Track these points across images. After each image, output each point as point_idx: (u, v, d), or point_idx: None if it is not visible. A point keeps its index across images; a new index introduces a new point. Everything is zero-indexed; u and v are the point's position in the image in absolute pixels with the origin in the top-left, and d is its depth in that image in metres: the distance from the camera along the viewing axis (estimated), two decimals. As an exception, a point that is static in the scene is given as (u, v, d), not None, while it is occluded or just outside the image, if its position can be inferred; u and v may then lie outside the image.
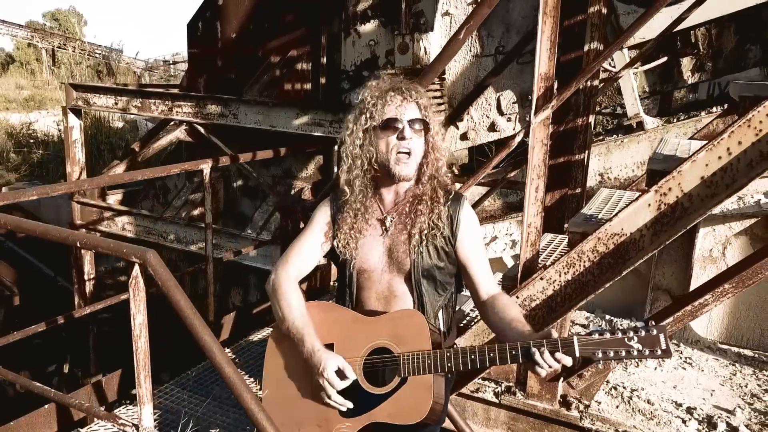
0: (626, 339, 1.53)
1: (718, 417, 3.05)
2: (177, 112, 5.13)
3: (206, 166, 3.39)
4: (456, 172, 4.37)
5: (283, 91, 5.04)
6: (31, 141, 14.36)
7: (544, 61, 1.99)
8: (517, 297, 2.25)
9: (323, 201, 2.00)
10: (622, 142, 3.81)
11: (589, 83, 2.65)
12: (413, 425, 1.73)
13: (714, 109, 3.87)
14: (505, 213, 4.23)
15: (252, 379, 3.34)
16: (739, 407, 3.16)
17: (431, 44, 4.30)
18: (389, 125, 1.82)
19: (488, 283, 1.91)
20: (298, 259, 1.98)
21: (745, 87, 1.94)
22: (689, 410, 3.12)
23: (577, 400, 3.06)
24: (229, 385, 1.85)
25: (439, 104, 4.34)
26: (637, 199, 1.99)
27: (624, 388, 3.29)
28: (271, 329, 4.00)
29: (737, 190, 1.86)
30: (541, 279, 2.18)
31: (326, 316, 1.90)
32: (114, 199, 6.58)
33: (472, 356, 1.65)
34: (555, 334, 1.58)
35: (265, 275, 5.40)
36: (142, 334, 1.89)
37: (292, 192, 5.36)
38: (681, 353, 3.75)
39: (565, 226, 2.74)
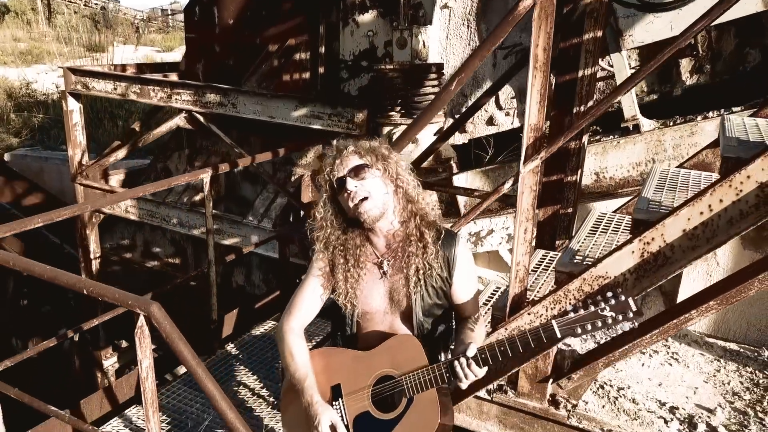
0: (599, 310, 1.69)
1: (699, 417, 3.21)
2: (176, 99, 5.15)
3: (206, 176, 3.45)
4: (454, 168, 4.41)
5: (282, 81, 5.03)
6: (31, 102, 14.30)
7: (533, 113, 2.03)
8: (506, 328, 2.36)
9: (317, 252, 2.09)
10: (618, 143, 3.84)
11: (582, 108, 2.68)
12: None
13: (710, 114, 3.88)
14: (502, 207, 4.30)
15: (255, 377, 3.50)
16: (720, 406, 3.32)
17: (430, 38, 4.27)
18: (336, 186, 1.95)
19: (472, 310, 2.07)
20: (300, 312, 2.09)
21: (728, 148, 1.99)
22: (672, 410, 3.27)
23: (566, 399, 3.21)
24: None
25: (437, 99, 4.35)
26: (621, 246, 2.07)
27: (611, 386, 3.44)
28: (273, 323, 4.17)
29: (717, 246, 1.94)
30: (529, 314, 2.28)
31: (329, 361, 2.03)
32: (116, 179, 6.66)
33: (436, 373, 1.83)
34: (472, 348, 1.75)
35: (266, 259, 5.48)
36: (149, 375, 2.01)
37: (292, 179, 5.42)
38: (669, 348, 3.89)
39: (557, 243, 2.82)
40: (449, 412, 1.96)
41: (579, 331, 1.67)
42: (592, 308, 1.67)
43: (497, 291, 3.31)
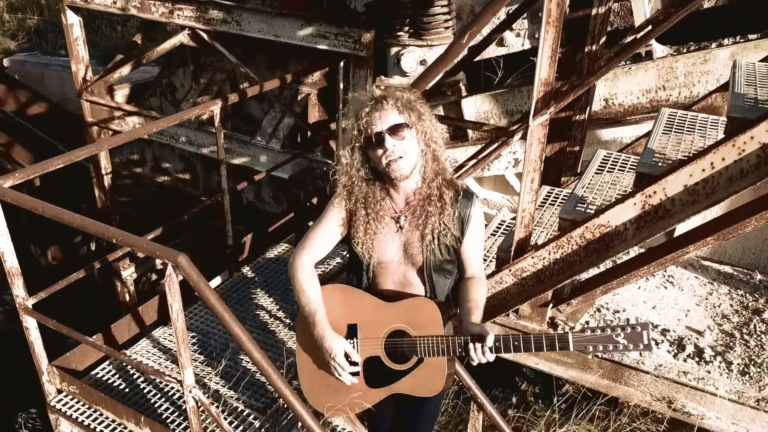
0: (614, 335, 1.79)
1: (688, 339, 3.43)
2: (178, 15, 5.02)
3: (216, 108, 3.47)
4: (463, 90, 4.38)
5: (287, -1, 4.88)
6: (23, 2, 13.81)
7: (545, 68, 2.03)
8: (510, 269, 2.49)
9: (338, 196, 2.15)
10: (629, 69, 3.78)
11: (594, 47, 2.64)
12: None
13: (725, 41, 3.76)
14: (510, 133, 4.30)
15: (271, 299, 3.69)
16: (709, 328, 3.53)
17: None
18: (372, 141, 1.95)
19: (475, 268, 2.16)
20: (313, 249, 2.20)
21: (735, 108, 2.00)
22: (663, 332, 3.49)
23: (564, 322, 3.42)
24: (261, 370, 2.16)
25: (447, 20, 4.25)
26: (624, 199, 2.15)
27: (607, 309, 3.64)
28: (286, 245, 4.33)
29: (716, 203, 2.02)
30: (532, 257, 2.41)
31: (348, 299, 2.14)
32: (122, 94, 6.61)
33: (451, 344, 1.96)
34: (491, 339, 1.85)
35: (275, 178, 5.55)
36: (179, 317, 2.17)
37: (299, 98, 5.39)
38: (665, 271, 4.06)
39: (562, 180, 2.88)
40: (452, 377, 2.12)
41: (590, 348, 1.76)
42: (609, 332, 1.74)
43: (503, 224, 3.42)
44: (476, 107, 4.46)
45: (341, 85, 4.49)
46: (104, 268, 7.35)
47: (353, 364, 2.07)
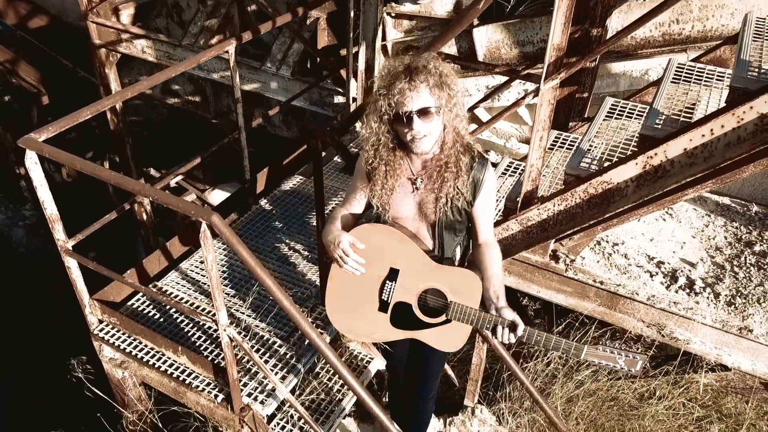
0: (617, 357, 2.03)
1: (681, 271, 3.65)
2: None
3: (231, 48, 3.52)
4: (475, 19, 4.33)
5: None
6: None
7: (557, 34, 2.10)
8: (517, 218, 2.67)
9: (363, 157, 2.28)
10: (644, 1, 3.73)
11: (607, -3, 2.64)
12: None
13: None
14: (520, 62, 4.32)
15: (288, 231, 3.90)
16: (702, 260, 3.74)
17: None
18: (399, 117, 2.04)
19: (487, 233, 2.31)
20: (347, 204, 2.38)
21: (737, 79, 2.07)
22: (658, 264, 3.70)
23: (565, 255, 3.63)
24: (299, 325, 2.39)
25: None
26: (626, 160, 2.28)
27: (607, 242, 3.84)
28: (300, 177, 4.49)
29: (713, 166, 2.15)
30: (538, 209, 2.57)
31: (401, 242, 2.23)
32: (127, 14, 6.50)
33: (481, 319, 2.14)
34: (520, 329, 2.05)
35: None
36: (213, 267, 2.38)
37: (307, 22, 5.34)
38: (665, 202, 4.21)
39: (570, 124, 2.97)
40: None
41: (595, 362, 2.02)
42: (615, 354, 1.99)
43: (511, 165, 3.55)
44: (487, 37, 4.45)
45: (351, 11, 4.45)
46: (121, 192, 7.57)
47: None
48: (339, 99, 5.20)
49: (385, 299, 2.26)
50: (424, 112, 2.01)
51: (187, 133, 7.88)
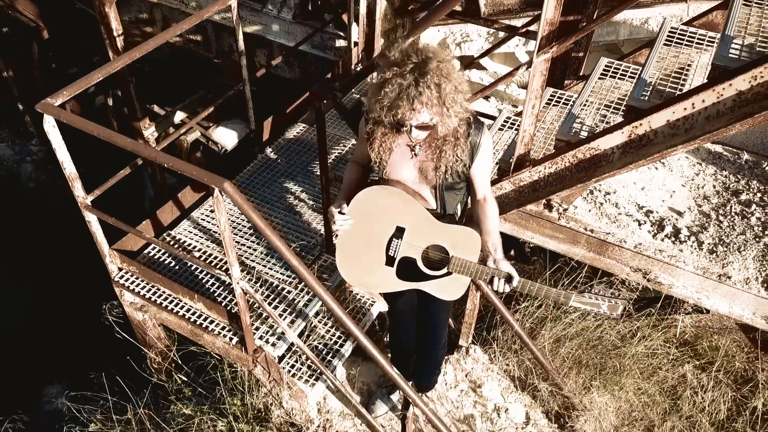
0: (600, 302, 2.24)
1: (668, 220, 3.82)
2: None
3: (233, 2, 3.55)
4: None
5: None
6: None
7: (550, 9, 2.18)
8: (510, 179, 2.83)
9: (369, 120, 2.37)
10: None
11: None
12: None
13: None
14: (522, 9, 4.33)
15: (293, 180, 4.06)
16: (689, 209, 3.90)
17: None
18: (399, 124, 2.15)
19: (484, 190, 2.47)
20: (360, 159, 2.56)
21: (719, 57, 2.16)
22: (647, 213, 3.87)
23: (558, 204, 3.80)
24: (302, 278, 2.59)
25: None
26: (612, 129, 2.42)
27: (599, 191, 4.00)
28: (303, 125, 4.60)
29: (692, 139, 2.28)
30: (530, 172, 2.73)
31: (407, 203, 2.38)
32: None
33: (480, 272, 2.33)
34: (516, 281, 2.25)
35: (285, 45, 5.61)
36: (226, 227, 2.57)
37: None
38: (658, 150, 4.33)
39: (566, 82, 3.05)
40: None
41: (581, 308, 2.21)
42: (597, 299, 2.19)
43: (509, 120, 3.66)
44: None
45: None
46: (127, 131, 7.68)
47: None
48: (341, 42, 5.23)
49: (392, 254, 2.44)
50: (422, 126, 2.15)
51: (190, 69, 7.89)
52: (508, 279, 2.26)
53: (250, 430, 3.08)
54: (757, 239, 3.68)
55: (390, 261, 2.47)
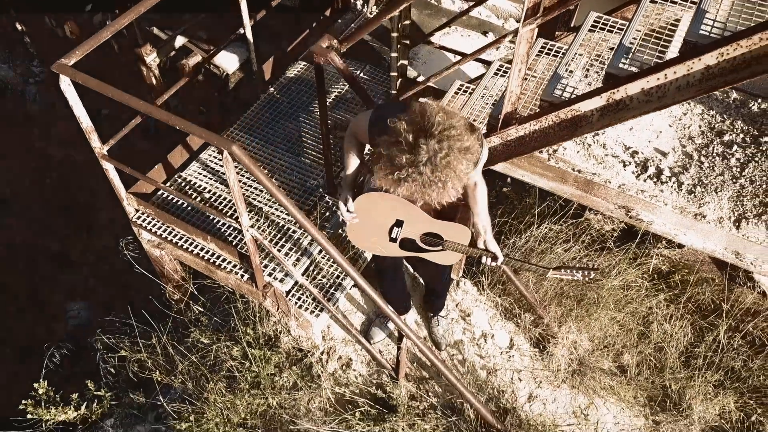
0: (575, 272, 2.62)
1: (652, 161, 4.02)
2: None
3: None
4: None
5: None
6: None
7: (535, -17, 2.29)
8: (498, 134, 3.02)
9: (366, 118, 2.50)
10: None
11: None
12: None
13: None
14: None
15: (296, 121, 4.24)
16: (673, 150, 4.08)
17: None
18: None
19: (476, 177, 2.62)
20: (358, 146, 2.73)
21: (691, 33, 2.28)
22: (633, 154, 4.06)
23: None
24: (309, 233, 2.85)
25: None
26: (592, 94, 2.59)
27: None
28: (303, 63, 4.71)
29: (664, 106, 2.46)
30: (516, 129, 2.92)
31: (406, 204, 2.60)
32: None
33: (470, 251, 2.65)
34: (500, 258, 2.55)
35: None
36: (235, 183, 2.81)
37: None
38: (650, 89, 4.44)
39: (557, 33, 3.13)
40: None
41: (558, 277, 2.60)
42: (573, 272, 2.59)
43: (502, 67, 3.77)
44: None
45: None
46: (129, 55, 7.71)
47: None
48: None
49: (394, 237, 2.73)
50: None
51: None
52: (494, 258, 2.62)
53: (261, 354, 3.47)
54: (734, 180, 3.89)
55: (392, 240, 2.76)
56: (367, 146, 2.68)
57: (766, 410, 3.43)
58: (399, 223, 2.68)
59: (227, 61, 7.56)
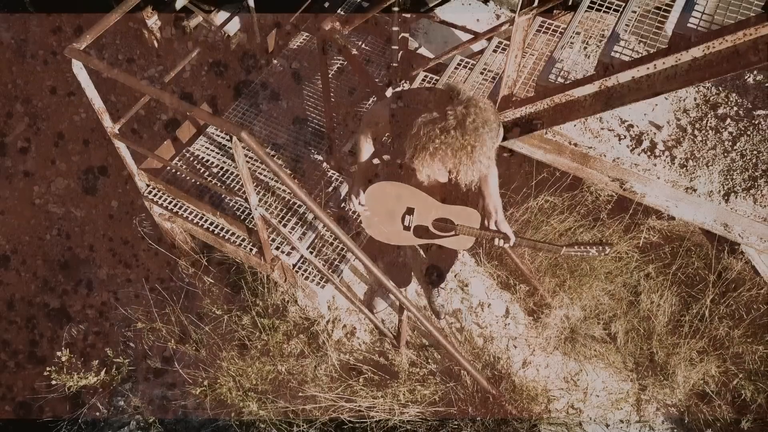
0: (588, 248, 2.70)
1: (646, 134, 4.11)
2: None
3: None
4: None
5: None
6: None
7: (531, -24, 2.37)
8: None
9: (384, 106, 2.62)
10: None
11: None
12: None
13: None
14: None
15: (302, 94, 4.32)
16: (668, 123, 4.17)
17: None
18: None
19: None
20: (371, 141, 2.84)
21: (680, 26, 2.36)
22: (628, 128, 4.14)
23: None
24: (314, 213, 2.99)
25: None
26: (584, 82, 2.70)
27: (586, 105, 4.26)
28: (306, 35, 4.76)
29: (653, 95, 2.57)
30: (513, 111, 3.03)
31: (415, 193, 2.73)
32: None
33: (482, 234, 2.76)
34: (512, 240, 2.65)
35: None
36: (244, 166, 2.93)
37: None
38: (648, 61, 4.49)
39: (555, 12, 3.19)
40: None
41: (572, 254, 2.62)
42: (586, 247, 2.65)
43: (501, 43, 3.84)
44: None
45: None
46: (132, 19, 7.69)
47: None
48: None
49: (407, 225, 2.84)
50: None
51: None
52: (506, 239, 2.69)
53: (270, 324, 3.67)
54: (726, 154, 4.00)
55: (406, 229, 2.87)
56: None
57: (746, 375, 3.64)
58: (410, 211, 2.78)
59: (228, 22, 7.57)
